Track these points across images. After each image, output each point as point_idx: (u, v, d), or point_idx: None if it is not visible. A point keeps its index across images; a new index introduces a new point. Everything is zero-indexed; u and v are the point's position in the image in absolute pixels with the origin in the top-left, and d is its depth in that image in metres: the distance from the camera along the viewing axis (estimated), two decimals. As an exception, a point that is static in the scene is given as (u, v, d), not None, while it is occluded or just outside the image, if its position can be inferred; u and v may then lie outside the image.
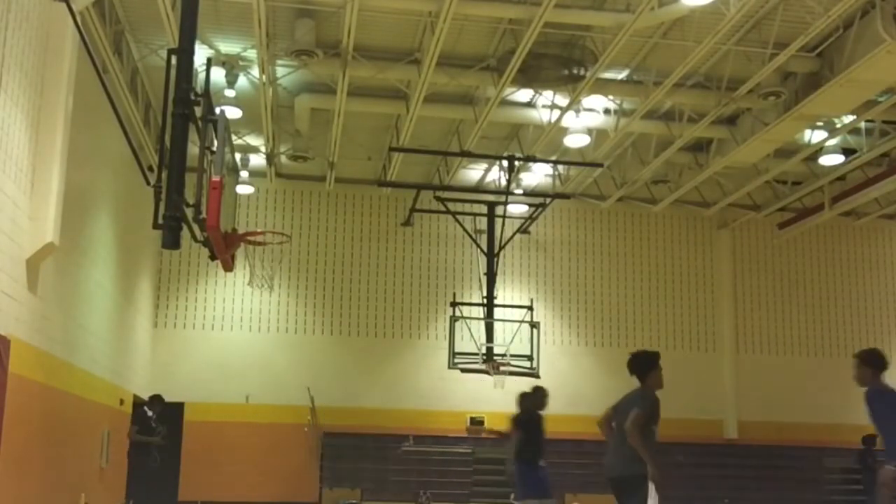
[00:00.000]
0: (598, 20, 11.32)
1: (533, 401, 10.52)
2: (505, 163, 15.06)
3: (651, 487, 6.70)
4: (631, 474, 6.83)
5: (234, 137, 11.06)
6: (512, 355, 15.17)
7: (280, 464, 16.96)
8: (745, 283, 19.30)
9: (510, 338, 15.37)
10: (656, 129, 14.74)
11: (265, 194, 17.83)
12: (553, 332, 18.26)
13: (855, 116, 13.85)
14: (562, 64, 12.45)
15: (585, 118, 14.35)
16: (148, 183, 7.20)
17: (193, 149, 6.33)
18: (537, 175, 17.26)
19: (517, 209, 17.32)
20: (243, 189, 16.30)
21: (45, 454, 9.70)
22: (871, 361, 7.27)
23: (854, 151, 15.44)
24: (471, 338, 15.62)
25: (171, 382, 16.52)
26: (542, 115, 14.19)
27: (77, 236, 10.94)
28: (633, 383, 7.20)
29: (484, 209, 16.90)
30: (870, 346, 19.25)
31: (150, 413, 13.93)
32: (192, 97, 6.34)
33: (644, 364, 7.24)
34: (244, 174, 16.12)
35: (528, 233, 18.38)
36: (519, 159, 15.21)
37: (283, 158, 16.52)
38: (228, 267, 8.07)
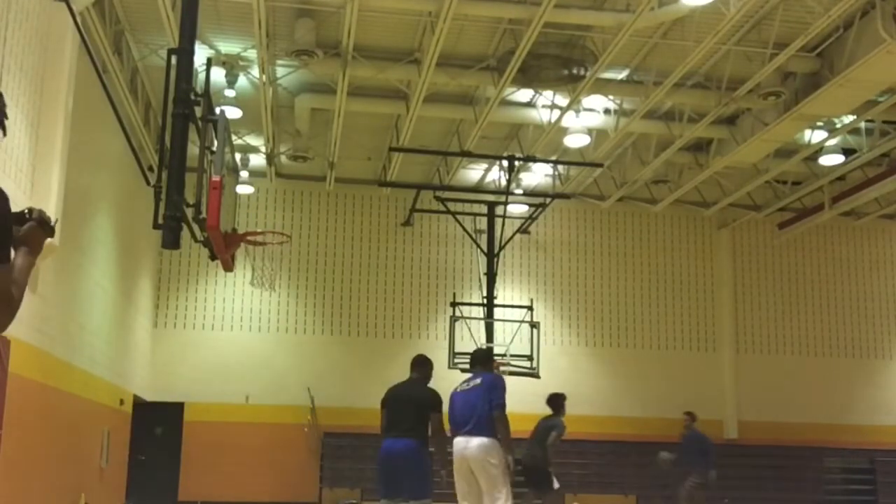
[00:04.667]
0: (598, 20, 11.32)
1: None
2: (505, 163, 15.06)
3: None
4: None
5: (234, 137, 11.05)
6: (512, 355, 15.15)
7: (280, 464, 16.94)
8: (745, 283, 19.28)
9: (510, 338, 15.35)
10: (656, 129, 14.74)
11: (265, 194, 17.82)
12: (553, 332, 18.24)
13: (855, 116, 13.85)
14: (562, 64, 12.44)
15: (585, 118, 14.35)
16: (148, 183, 7.21)
17: (193, 149, 6.34)
18: (537, 175, 17.26)
19: (517, 209, 17.31)
20: (243, 189, 16.28)
21: (45, 454, 9.70)
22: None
23: (854, 151, 15.43)
24: (471, 338, 15.59)
25: (171, 382, 16.53)
26: (542, 115, 14.19)
27: (77, 236, 10.94)
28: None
29: (484, 209, 16.89)
30: (869, 345, 19.46)
31: None
32: (192, 97, 6.36)
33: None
34: (244, 174, 16.11)
35: (528, 233, 18.37)
36: (519, 159, 15.20)
37: (283, 158, 16.52)
38: (228, 267, 8.08)
